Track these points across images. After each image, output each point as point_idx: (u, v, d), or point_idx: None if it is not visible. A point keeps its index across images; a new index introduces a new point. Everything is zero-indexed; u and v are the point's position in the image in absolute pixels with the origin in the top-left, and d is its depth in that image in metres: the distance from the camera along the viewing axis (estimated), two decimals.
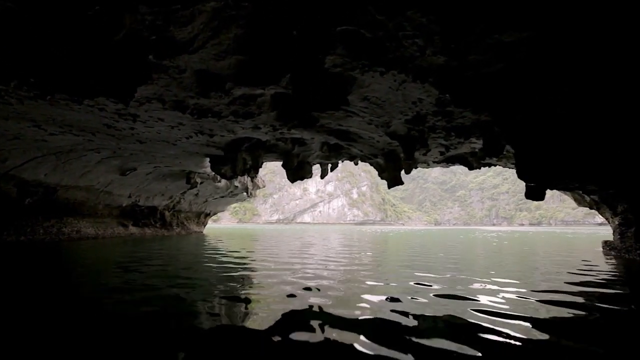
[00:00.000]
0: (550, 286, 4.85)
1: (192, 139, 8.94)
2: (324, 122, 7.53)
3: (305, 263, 7.41)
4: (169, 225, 20.21)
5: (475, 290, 4.43)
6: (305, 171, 11.80)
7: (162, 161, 12.47)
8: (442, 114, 6.33)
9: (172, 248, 11.15)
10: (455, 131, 7.51)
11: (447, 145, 9.20)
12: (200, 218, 23.88)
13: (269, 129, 7.98)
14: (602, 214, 12.19)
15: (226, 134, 8.33)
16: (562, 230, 62.85)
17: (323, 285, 4.83)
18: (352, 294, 4.16)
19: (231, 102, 6.00)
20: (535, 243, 16.58)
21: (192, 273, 5.89)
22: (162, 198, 18.57)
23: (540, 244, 16.10)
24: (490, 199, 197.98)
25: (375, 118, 6.89)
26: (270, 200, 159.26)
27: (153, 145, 9.71)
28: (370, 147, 9.75)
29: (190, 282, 5.05)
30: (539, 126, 5.29)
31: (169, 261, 7.54)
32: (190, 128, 7.74)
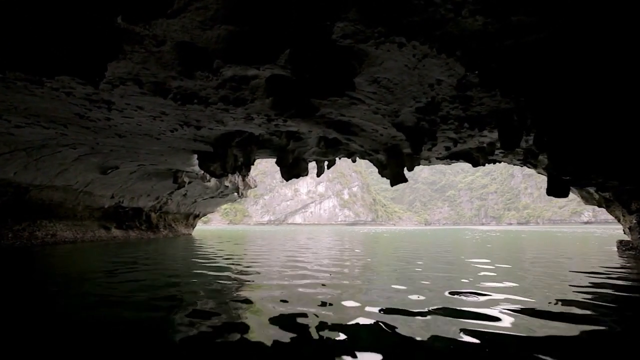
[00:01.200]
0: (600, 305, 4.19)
1: (178, 133, 8.07)
2: (324, 112, 6.78)
3: (298, 270, 6.65)
4: (155, 227, 19.14)
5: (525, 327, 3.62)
6: (301, 168, 11.02)
7: (147, 159, 11.52)
8: (460, 99, 5.65)
9: (159, 252, 10.23)
10: (469, 121, 6.86)
11: (455, 139, 8.56)
12: (188, 219, 22.83)
13: (263, 120, 7.19)
14: (612, 212, 11.75)
15: (215, 126, 7.50)
16: (551, 229, 63.51)
17: (317, 292, 4.08)
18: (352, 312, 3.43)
19: (220, 85, 5.19)
20: (538, 244, 16.13)
21: (179, 282, 5.06)
22: (148, 199, 17.52)
23: (544, 245, 15.65)
24: (479, 198, 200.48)
25: (383, 106, 6.17)
26: (261, 201, 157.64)
27: (134, 140, 8.79)
28: (372, 141, 9.04)
29: (176, 293, 4.26)
30: (579, 114, 4.66)
31: (154, 268, 6.68)
32: (175, 119, 6.89)
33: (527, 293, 4.42)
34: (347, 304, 3.81)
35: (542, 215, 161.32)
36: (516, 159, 11.70)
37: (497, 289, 4.65)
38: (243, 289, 4.65)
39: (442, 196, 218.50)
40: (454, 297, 4.09)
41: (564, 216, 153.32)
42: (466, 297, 4.14)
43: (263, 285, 4.96)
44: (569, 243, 15.66)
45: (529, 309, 3.53)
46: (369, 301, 3.90)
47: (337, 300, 3.97)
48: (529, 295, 4.25)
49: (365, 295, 4.29)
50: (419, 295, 4.20)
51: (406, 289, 4.66)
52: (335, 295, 4.20)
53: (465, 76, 4.80)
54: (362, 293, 4.41)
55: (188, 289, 4.63)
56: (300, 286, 4.84)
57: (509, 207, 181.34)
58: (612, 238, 19.51)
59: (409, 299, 4.05)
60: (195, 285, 4.95)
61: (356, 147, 10.43)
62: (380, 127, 7.72)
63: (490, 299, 4.01)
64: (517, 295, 4.22)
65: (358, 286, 4.88)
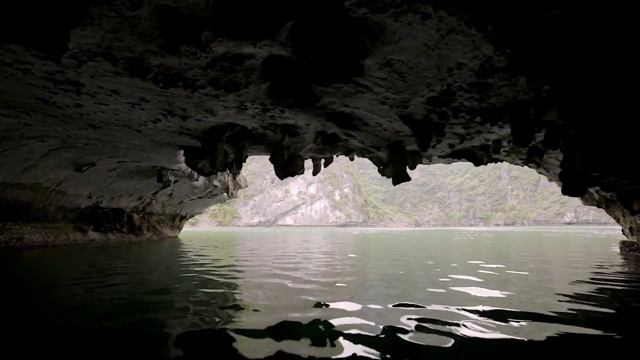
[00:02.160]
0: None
1: (161, 124, 7.26)
2: (326, 102, 6.10)
3: (288, 279, 5.95)
4: (138, 229, 18.08)
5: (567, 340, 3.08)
6: (297, 166, 10.31)
7: (127, 154, 10.61)
8: (478, 88, 5.06)
9: (140, 258, 9.34)
10: (482, 114, 6.29)
11: (462, 135, 8.02)
12: (174, 221, 21.79)
13: (258, 111, 6.46)
14: (611, 213, 11.45)
15: (203, 116, 6.73)
16: (537, 229, 64.32)
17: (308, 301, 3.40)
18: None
19: (210, 64, 4.45)
20: (533, 246, 15.80)
21: (161, 294, 4.30)
22: (130, 199, 16.48)
23: (542, 246, 15.31)
24: (467, 200, 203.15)
25: (393, 95, 5.53)
26: (251, 202, 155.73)
27: (112, 133, 7.92)
28: (374, 137, 8.41)
29: (158, 307, 3.52)
30: (614, 107, 4.11)
31: (132, 278, 5.85)
32: (157, 107, 6.10)
33: (568, 305, 3.84)
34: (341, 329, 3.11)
35: (527, 216, 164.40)
36: (519, 158, 11.28)
37: (513, 294, 4.05)
38: (227, 304, 3.93)
39: (432, 197, 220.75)
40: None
41: (548, 217, 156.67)
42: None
43: (249, 303, 4.24)
44: (567, 245, 15.39)
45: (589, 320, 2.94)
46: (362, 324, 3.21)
47: (331, 332, 3.26)
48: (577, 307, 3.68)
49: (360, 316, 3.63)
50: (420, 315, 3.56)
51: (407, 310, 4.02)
52: (327, 318, 3.51)
53: (489, 59, 4.20)
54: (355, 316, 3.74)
55: (170, 307, 3.88)
56: (290, 298, 4.15)
57: (496, 208, 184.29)
58: (602, 239, 19.44)
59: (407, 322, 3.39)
60: (177, 302, 4.19)
61: (356, 144, 9.79)
62: (384, 121, 7.09)
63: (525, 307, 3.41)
64: (577, 305, 3.63)
65: (352, 308, 4.20)
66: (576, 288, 5.00)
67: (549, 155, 9.93)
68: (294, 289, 4.80)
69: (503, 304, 3.95)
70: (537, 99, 5.47)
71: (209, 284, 5.21)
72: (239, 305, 3.85)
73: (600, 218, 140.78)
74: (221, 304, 3.93)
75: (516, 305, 3.87)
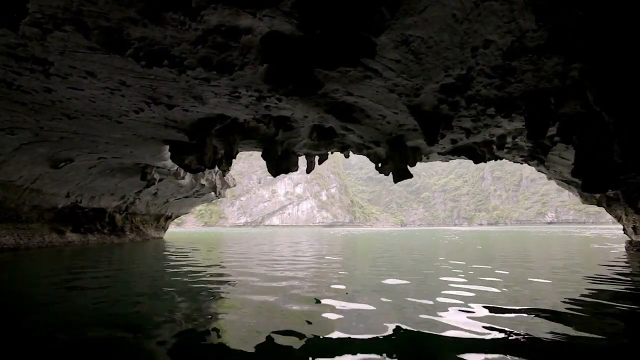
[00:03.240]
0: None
1: (144, 114, 6.56)
2: (329, 89, 5.57)
3: (276, 281, 5.41)
4: (120, 230, 17.09)
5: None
6: (291, 162, 9.74)
7: (108, 150, 9.79)
8: (501, 72, 4.63)
9: (123, 261, 8.58)
10: (497, 105, 5.89)
11: (469, 129, 7.63)
12: (159, 222, 20.80)
13: (252, 99, 5.86)
14: (612, 212, 11.36)
15: (191, 105, 6.08)
16: (520, 229, 65.59)
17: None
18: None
19: (201, 38, 3.85)
20: (539, 247, 15.70)
21: (143, 305, 3.69)
22: (112, 198, 15.51)
23: (541, 247, 15.21)
24: (452, 200, 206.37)
25: (404, 81, 5.05)
26: (237, 202, 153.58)
27: (89, 124, 7.16)
28: (375, 131, 7.93)
29: (141, 317, 2.96)
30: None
31: (114, 281, 5.17)
32: (139, 93, 5.42)
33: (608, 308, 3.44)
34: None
35: (510, 216, 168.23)
36: (519, 155, 11.04)
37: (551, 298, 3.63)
38: (212, 318, 3.35)
39: (417, 198, 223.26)
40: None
41: (530, 217, 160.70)
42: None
43: (238, 311, 3.66)
44: (563, 245, 15.34)
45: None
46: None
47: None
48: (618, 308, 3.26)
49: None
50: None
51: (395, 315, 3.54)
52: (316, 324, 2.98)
53: (523, 35, 3.75)
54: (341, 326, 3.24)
55: (153, 318, 3.26)
56: (279, 304, 3.61)
57: (479, 208, 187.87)
58: (591, 239, 19.63)
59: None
60: (159, 314, 3.57)
61: (353, 140, 9.30)
62: (389, 112, 6.61)
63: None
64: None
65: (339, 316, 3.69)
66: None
67: (552, 152, 9.69)
68: (286, 300, 4.25)
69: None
70: (560, 86, 5.09)
71: (194, 294, 4.61)
72: (224, 320, 3.29)
73: (579, 218, 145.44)
74: (205, 318, 3.35)
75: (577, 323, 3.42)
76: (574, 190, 12.02)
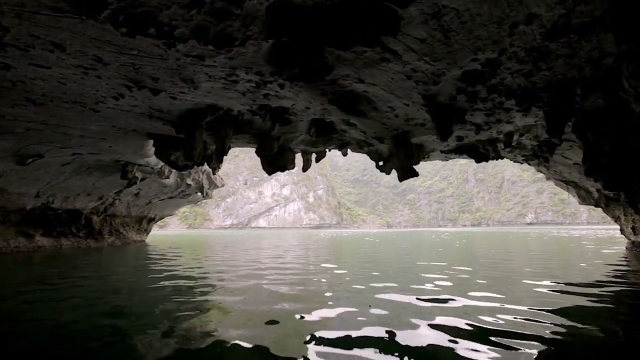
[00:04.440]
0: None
1: (125, 102, 5.76)
2: (339, 74, 4.95)
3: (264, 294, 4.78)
4: (98, 233, 15.92)
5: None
6: (287, 160, 9.06)
7: (83, 144, 8.85)
8: (536, 55, 4.13)
9: (101, 267, 7.67)
10: (517, 97, 5.42)
11: (480, 124, 7.18)
12: (141, 224, 19.63)
13: (251, 84, 5.18)
14: (610, 212, 11.21)
15: (179, 90, 5.34)
16: (505, 229, 67.04)
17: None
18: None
19: (195, 0, 3.16)
20: (537, 249, 15.52)
21: (124, 318, 2.99)
22: (89, 198, 14.38)
23: (545, 250, 15.05)
24: (436, 202, 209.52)
25: (426, 65, 4.49)
26: (223, 204, 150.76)
27: (60, 112, 6.29)
28: (380, 126, 7.38)
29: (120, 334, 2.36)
30: None
31: (90, 298, 4.37)
32: (119, 74, 4.65)
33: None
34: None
35: (492, 217, 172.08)
36: (521, 154, 10.74)
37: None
38: (202, 338, 2.70)
39: (403, 199, 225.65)
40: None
41: (511, 218, 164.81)
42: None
43: (226, 338, 3.01)
44: (557, 245, 15.23)
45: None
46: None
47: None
48: None
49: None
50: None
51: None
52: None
53: (573, 9, 3.25)
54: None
55: (133, 334, 2.55)
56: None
57: (463, 209, 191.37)
58: (577, 238, 19.78)
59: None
60: (140, 331, 2.86)
61: (354, 135, 8.72)
62: (400, 104, 6.06)
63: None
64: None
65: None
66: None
67: (556, 151, 9.40)
68: (283, 316, 3.61)
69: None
70: (590, 76, 4.65)
71: (177, 308, 3.88)
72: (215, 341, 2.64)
73: (557, 219, 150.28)
74: (195, 340, 2.67)
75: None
76: (572, 190, 11.85)
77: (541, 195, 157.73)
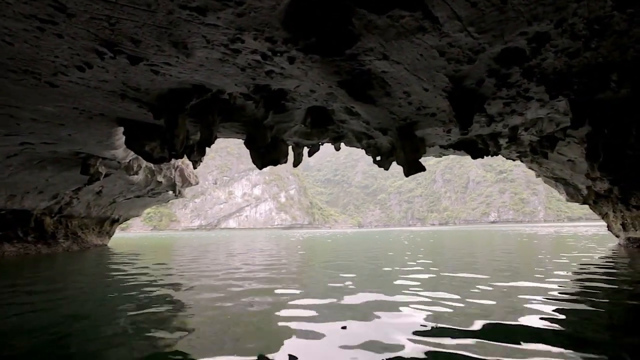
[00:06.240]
0: None
1: (94, 74, 4.64)
2: (362, 48, 4.21)
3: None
4: (51, 237, 14.00)
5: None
6: (280, 152, 8.19)
7: (35, 131, 7.42)
8: (592, 31, 3.65)
9: (51, 280, 6.35)
10: (548, 82, 5.00)
11: (493, 115, 6.80)
12: (103, 226, 17.70)
13: (255, 56, 4.31)
14: (597, 209, 11.43)
15: (165, 60, 4.34)
16: (473, 227, 70.04)
17: None
18: None
19: None
20: (526, 248, 15.68)
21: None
22: (41, 197, 12.54)
23: (536, 248, 15.21)
24: (406, 201, 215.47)
25: (468, 37, 3.87)
26: (191, 204, 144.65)
27: (4, 85, 5.00)
28: (388, 115, 6.75)
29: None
30: None
31: (32, 320, 3.28)
32: (88, 32, 3.60)
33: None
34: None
35: (458, 216, 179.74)
36: (517, 151, 10.63)
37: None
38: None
39: (374, 199, 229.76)
40: None
41: (476, 216, 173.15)
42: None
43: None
44: (547, 244, 15.52)
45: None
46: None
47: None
48: None
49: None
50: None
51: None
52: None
53: None
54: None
55: None
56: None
57: (431, 209, 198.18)
58: (561, 236, 20.56)
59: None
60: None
61: (353, 127, 8.05)
62: (419, 88, 5.44)
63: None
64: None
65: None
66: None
67: (555, 151, 9.30)
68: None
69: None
70: (633, 60, 4.28)
71: (141, 319, 2.98)
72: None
73: (517, 217, 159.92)
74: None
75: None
76: (561, 188, 12.00)
77: (503, 195, 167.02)
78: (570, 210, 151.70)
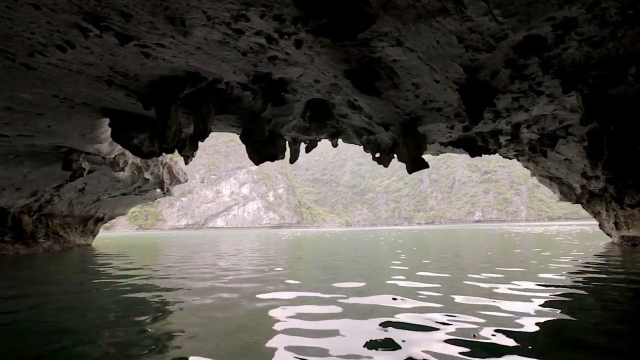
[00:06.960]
0: None
1: (76, 55, 4.17)
2: (376, 32, 3.89)
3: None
4: (30, 237, 13.20)
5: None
6: (278, 147, 7.81)
7: (11, 122, 6.82)
8: (632, 11, 3.43)
9: (30, 284, 5.78)
10: (564, 75, 4.80)
11: (499, 111, 6.60)
12: (87, 225, 16.88)
13: (259, 39, 3.94)
14: (589, 207, 11.49)
15: (157, 43, 3.92)
16: (459, 226, 71.12)
17: None
18: None
19: None
20: (521, 248, 15.68)
21: None
22: (18, 195, 11.77)
23: (547, 248, 15.21)
24: (394, 201, 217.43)
25: (491, 22, 3.60)
26: (177, 203, 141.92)
27: None
28: (393, 109, 6.47)
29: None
30: None
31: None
32: (69, 2, 3.15)
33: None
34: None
35: (444, 216, 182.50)
36: (515, 149, 10.55)
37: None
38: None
39: (361, 199, 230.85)
40: None
41: (461, 216, 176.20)
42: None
43: None
44: (540, 243, 15.59)
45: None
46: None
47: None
48: None
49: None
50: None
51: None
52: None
53: None
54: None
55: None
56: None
57: (418, 208, 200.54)
58: (545, 235, 20.80)
59: None
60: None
61: (354, 122, 7.76)
62: (429, 79, 5.17)
63: None
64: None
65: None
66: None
67: (552, 150, 9.23)
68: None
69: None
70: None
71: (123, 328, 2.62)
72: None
73: (501, 217, 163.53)
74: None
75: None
76: (555, 187, 12.02)
77: (487, 195, 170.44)
78: (551, 210, 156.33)
